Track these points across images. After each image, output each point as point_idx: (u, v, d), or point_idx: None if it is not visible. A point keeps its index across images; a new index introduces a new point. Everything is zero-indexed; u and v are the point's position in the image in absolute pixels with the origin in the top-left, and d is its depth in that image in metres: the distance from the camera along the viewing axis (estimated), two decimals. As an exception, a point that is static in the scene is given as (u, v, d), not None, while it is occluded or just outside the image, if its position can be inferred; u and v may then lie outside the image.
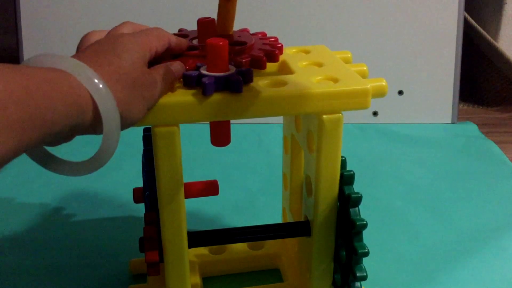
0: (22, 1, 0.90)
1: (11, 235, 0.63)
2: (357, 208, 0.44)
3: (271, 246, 0.58)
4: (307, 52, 0.49)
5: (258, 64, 0.43)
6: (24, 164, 0.78)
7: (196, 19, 0.46)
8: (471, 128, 0.93)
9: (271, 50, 0.44)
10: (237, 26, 0.47)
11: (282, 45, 0.47)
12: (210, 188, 0.51)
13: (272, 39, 0.47)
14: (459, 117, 0.97)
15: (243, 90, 0.39)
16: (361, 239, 0.43)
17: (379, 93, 0.43)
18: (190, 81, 0.40)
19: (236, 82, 0.39)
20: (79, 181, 0.75)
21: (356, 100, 0.41)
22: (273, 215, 0.64)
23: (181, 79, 0.40)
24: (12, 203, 0.69)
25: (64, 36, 0.92)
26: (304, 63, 0.46)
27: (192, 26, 0.48)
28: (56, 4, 0.90)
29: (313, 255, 0.47)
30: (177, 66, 0.40)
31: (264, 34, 0.49)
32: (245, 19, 0.93)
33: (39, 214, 0.67)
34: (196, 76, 0.39)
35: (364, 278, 0.44)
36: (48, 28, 0.91)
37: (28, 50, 0.92)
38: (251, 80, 0.40)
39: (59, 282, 0.55)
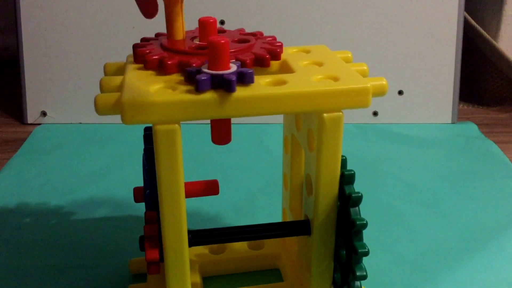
0: (22, 1, 0.90)
1: (11, 235, 0.63)
2: (357, 208, 0.43)
3: (271, 245, 0.58)
4: (307, 51, 0.49)
5: (262, 62, 0.43)
6: (24, 164, 0.79)
7: (193, 19, 0.46)
8: (471, 128, 0.93)
9: (274, 48, 0.44)
10: (235, 26, 0.47)
11: (282, 44, 0.47)
12: (210, 188, 0.51)
13: (270, 38, 0.47)
14: (459, 117, 0.97)
15: (243, 89, 0.39)
16: (361, 239, 0.43)
17: (380, 92, 0.43)
18: (189, 78, 0.40)
19: (228, 81, 0.38)
20: (79, 180, 0.75)
21: (357, 99, 0.41)
22: (273, 215, 0.64)
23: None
24: (12, 203, 0.69)
25: (64, 36, 0.92)
26: (305, 62, 0.46)
27: (190, 26, 0.48)
28: (56, 4, 0.90)
29: (313, 254, 0.47)
30: None
31: (261, 33, 0.49)
32: (244, 19, 0.93)
33: (39, 214, 0.67)
34: (194, 72, 0.39)
35: (364, 277, 0.44)
36: (48, 28, 0.91)
37: (28, 50, 0.92)
38: (252, 81, 0.40)
39: (59, 282, 0.55)
